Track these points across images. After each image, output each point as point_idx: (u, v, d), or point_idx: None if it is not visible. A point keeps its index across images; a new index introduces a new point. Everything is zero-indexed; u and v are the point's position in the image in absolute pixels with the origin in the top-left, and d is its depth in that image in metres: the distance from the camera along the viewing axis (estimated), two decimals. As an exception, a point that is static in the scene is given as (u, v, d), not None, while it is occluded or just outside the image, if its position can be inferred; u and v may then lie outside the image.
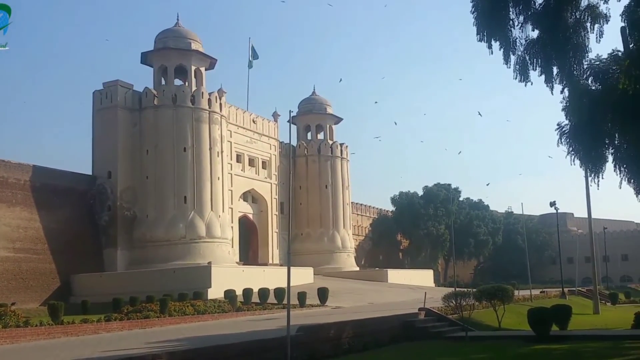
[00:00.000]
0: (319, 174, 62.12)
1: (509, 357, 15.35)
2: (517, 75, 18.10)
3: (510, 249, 78.88)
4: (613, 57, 18.74)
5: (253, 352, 14.63)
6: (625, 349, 15.91)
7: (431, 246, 74.86)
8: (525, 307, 22.50)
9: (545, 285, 58.87)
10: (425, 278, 59.68)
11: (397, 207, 77.56)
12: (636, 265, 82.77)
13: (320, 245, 60.22)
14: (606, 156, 20.29)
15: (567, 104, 19.92)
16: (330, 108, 65.43)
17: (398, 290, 45.16)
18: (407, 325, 20.94)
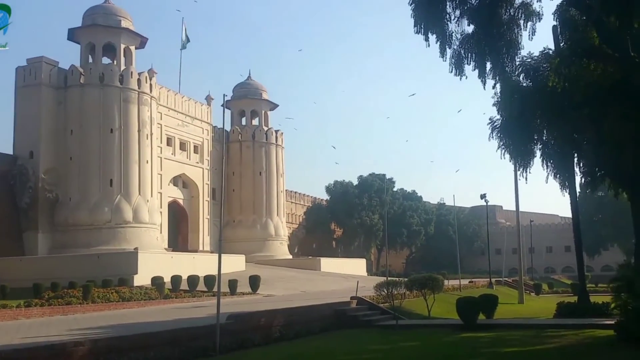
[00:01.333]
0: (253, 160, 61.83)
1: (437, 345, 15.94)
2: (452, 68, 18.66)
3: (441, 240, 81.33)
4: (544, 55, 19.72)
5: (181, 340, 14.55)
6: (547, 337, 16.87)
7: (364, 235, 76.13)
8: (455, 297, 23.40)
9: (474, 275, 61.21)
10: (358, 267, 60.74)
11: (332, 196, 78.31)
12: (560, 257, 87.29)
13: (253, 233, 60.10)
14: (534, 151, 21.39)
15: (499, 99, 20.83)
16: (266, 94, 65.10)
17: (331, 278, 45.81)
18: (339, 314, 21.37)
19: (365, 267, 65.61)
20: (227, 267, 34.66)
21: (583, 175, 22.53)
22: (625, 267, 17.86)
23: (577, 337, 16.95)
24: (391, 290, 22.01)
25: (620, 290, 15.80)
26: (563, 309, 23.79)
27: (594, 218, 65.35)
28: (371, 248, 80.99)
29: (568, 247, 69.14)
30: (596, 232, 66.32)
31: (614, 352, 13.62)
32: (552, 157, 21.72)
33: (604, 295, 25.02)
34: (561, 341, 16.08)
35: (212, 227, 57.48)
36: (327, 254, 68.57)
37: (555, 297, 40.05)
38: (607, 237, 69.00)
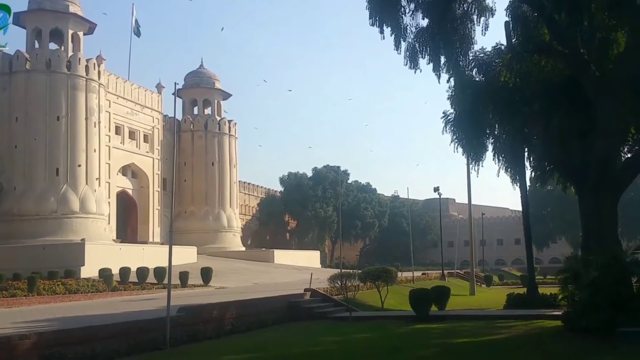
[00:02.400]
0: (205, 150, 61.20)
1: (389, 336, 16.24)
2: (407, 62, 18.90)
3: (395, 232, 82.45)
4: (496, 51, 20.21)
5: (130, 334, 14.35)
6: (497, 328, 17.40)
7: (319, 227, 76.43)
8: (408, 288, 23.81)
9: (427, 267, 62.39)
10: (312, 259, 61.03)
11: (286, 188, 78.26)
12: (510, 250, 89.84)
13: (205, 224, 59.59)
14: (486, 145, 21.95)
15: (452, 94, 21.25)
16: (219, 83, 64.43)
17: (284, 270, 45.88)
18: (292, 306, 21.48)
19: (320, 259, 65.97)
20: (178, 259, 34.36)
21: (533, 169, 23.28)
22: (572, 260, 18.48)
23: (526, 327, 17.56)
24: (345, 282, 22.26)
25: (568, 282, 16.40)
26: (513, 300, 24.59)
27: (543, 211, 67.42)
28: (325, 240, 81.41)
29: (518, 240, 71.21)
30: (545, 225, 68.50)
31: (561, 342, 14.16)
32: (504, 152, 22.33)
33: (552, 287, 25.86)
34: (510, 331, 16.62)
35: (162, 218, 56.72)
36: (280, 246, 68.59)
37: (506, 288, 41.21)
38: (556, 230, 71.38)
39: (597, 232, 17.51)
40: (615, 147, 18.29)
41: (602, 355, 11.97)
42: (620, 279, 14.51)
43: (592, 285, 14.57)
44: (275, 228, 78.92)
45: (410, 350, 13.34)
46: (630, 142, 19.99)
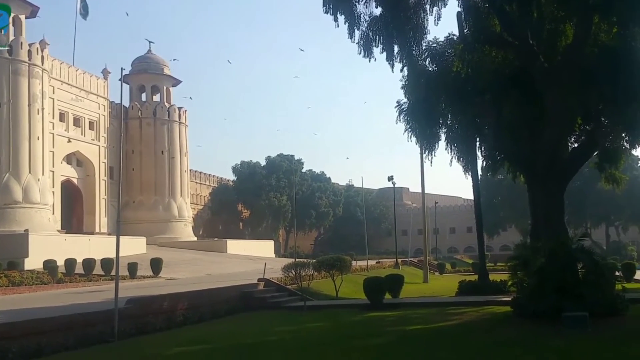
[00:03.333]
0: (154, 138, 60.27)
1: (344, 324, 16.50)
2: (361, 50, 18.98)
3: (349, 221, 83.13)
4: (449, 41, 20.53)
5: (76, 326, 14.16)
6: (449, 315, 17.93)
7: (272, 217, 76.37)
8: (362, 277, 24.16)
9: (381, 255, 63.24)
10: (265, 249, 61.07)
11: (239, 177, 77.83)
12: (462, 238, 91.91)
13: (154, 214, 58.82)
14: (439, 135, 22.32)
15: (406, 83, 21.50)
16: (168, 69, 63.40)
17: (237, 261, 45.80)
18: (246, 296, 21.53)
19: (274, 249, 66.05)
20: (127, 250, 33.91)
21: (484, 158, 23.79)
22: (521, 247, 19.12)
23: (477, 313, 18.15)
24: (299, 271, 22.43)
25: (517, 269, 16.99)
26: (464, 287, 25.32)
27: (494, 200, 69.11)
28: (279, 229, 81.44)
29: (470, 228, 72.93)
30: (496, 214, 70.26)
31: (510, 327, 14.71)
32: (456, 141, 22.74)
33: (502, 274, 26.69)
34: (462, 318, 17.15)
35: (109, 208, 55.66)
36: (233, 236, 68.32)
37: (458, 276, 42.23)
38: (506, 219, 73.29)
39: (545, 220, 18.14)
40: (563, 137, 18.94)
41: (548, 338, 12.50)
42: (566, 266, 15.13)
43: (539, 272, 15.13)
44: (228, 218, 78.46)
45: (364, 339, 13.61)
46: (577, 133, 20.71)
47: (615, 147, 20.75)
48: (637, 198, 64.64)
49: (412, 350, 11.78)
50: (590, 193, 60.71)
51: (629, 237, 77.90)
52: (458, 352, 11.35)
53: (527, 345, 11.84)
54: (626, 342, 11.77)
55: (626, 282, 24.00)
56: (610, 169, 21.71)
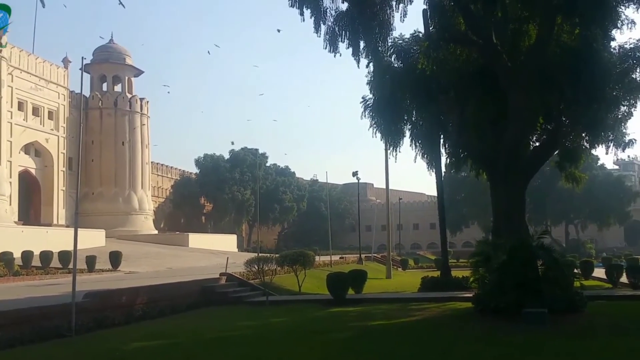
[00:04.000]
0: (115, 129, 59.38)
1: (306, 320, 16.52)
2: (327, 45, 18.98)
3: (314, 216, 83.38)
4: (414, 38, 20.75)
5: (32, 320, 13.89)
6: (412, 310, 18.12)
7: (236, 211, 76.04)
8: (325, 272, 24.24)
9: (345, 251, 63.59)
10: (228, 243, 60.83)
11: (202, 170, 77.23)
12: (425, 234, 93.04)
13: (114, 206, 57.99)
14: (404, 131, 22.57)
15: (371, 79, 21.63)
16: (130, 59, 62.48)
17: (199, 255, 45.50)
18: (207, 291, 21.39)
19: (236, 243, 65.88)
20: (85, 243, 33.38)
21: (448, 155, 24.17)
22: (483, 244, 19.45)
23: (438, 309, 18.41)
24: (262, 266, 22.36)
25: (479, 265, 17.26)
26: (427, 283, 25.64)
27: (457, 197, 70.19)
28: (242, 224, 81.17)
29: (433, 225, 73.76)
30: (459, 211, 71.40)
31: (471, 323, 14.94)
32: (420, 138, 23.05)
33: (464, 270, 27.09)
34: (424, 313, 17.36)
35: (68, 200, 54.67)
36: (196, 230, 67.85)
37: (421, 272, 42.70)
38: (469, 215, 74.55)
39: (506, 217, 18.51)
40: (525, 136, 19.34)
41: (508, 334, 12.76)
42: (526, 262, 15.44)
43: (500, 268, 15.40)
44: (190, 211, 77.82)
45: (327, 334, 13.67)
46: (539, 132, 21.19)
47: (575, 146, 21.32)
48: (595, 197, 66.55)
49: (374, 346, 11.89)
50: (551, 191, 62.20)
51: (588, 235, 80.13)
52: (419, 348, 11.50)
53: (487, 341, 12.06)
54: (583, 338, 12.10)
55: (584, 279, 24.64)
56: (570, 168, 22.30)
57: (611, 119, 20.18)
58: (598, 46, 18.04)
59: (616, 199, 71.70)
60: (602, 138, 20.98)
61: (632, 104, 20.46)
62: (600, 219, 73.23)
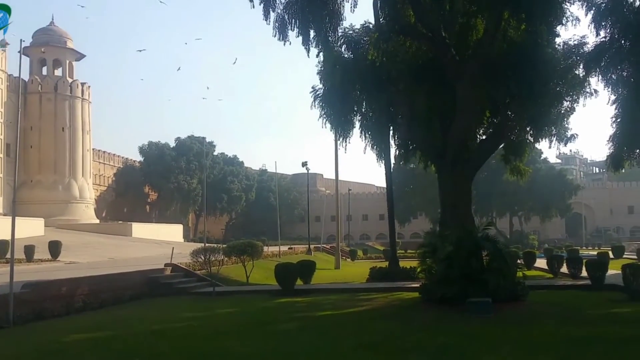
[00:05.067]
0: (55, 114, 57.77)
1: (254, 310, 16.58)
2: (276, 33, 18.82)
3: (262, 206, 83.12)
4: (365, 29, 20.90)
5: (-33, 311, 13.51)
6: (360, 300, 18.45)
7: (182, 200, 75.17)
8: (274, 263, 24.30)
9: (294, 241, 63.76)
10: (174, 233, 60.14)
11: (146, 158, 75.95)
12: (374, 225, 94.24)
13: (54, 195, 56.48)
14: (354, 122, 22.76)
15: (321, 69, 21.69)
16: (71, 42, 60.78)
17: (144, 245, 44.86)
18: (152, 281, 21.20)
19: (182, 233, 65.22)
20: (23, 232, 32.36)
21: (397, 147, 24.53)
22: (430, 235, 19.92)
23: (386, 299, 18.82)
24: (209, 256, 22.24)
25: (426, 256, 17.68)
26: (375, 274, 26.08)
27: (406, 188, 71.32)
28: (189, 213, 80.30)
29: (382, 215, 74.90)
30: (407, 202, 72.58)
31: (418, 312, 15.36)
32: (370, 129, 23.27)
33: (412, 261, 27.58)
34: (372, 304, 17.70)
35: (5, 187, 52.92)
36: (139, 219, 66.76)
37: (369, 262, 43.21)
38: (417, 207, 75.89)
39: (453, 208, 18.99)
40: (472, 129, 19.86)
41: (453, 323, 13.17)
42: (472, 253, 15.93)
43: (447, 259, 15.84)
44: (133, 200, 76.48)
45: (274, 324, 13.77)
46: (486, 125, 21.76)
47: (520, 140, 21.97)
48: (539, 190, 68.83)
49: (322, 335, 12.06)
50: (497, 184, 63.94)
51: (531, 227, 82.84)
52: (366, 337, 11.73)
53: (432, 330, 12.41)
54: (525, 326, 12.61)
55: (527, 269, 25.55)
56: (515, 161, 22.99)
57: (554, 114, 20.86)
58: (543, 42, 18.59)
59: (558, 192, 74.29)
60: (546, 132, 21.67)
61: (575, 100, 21.20)
62: (543, 211, 75.76)
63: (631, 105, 21.31)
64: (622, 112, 22.05)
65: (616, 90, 21.76)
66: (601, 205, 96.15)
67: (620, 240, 68.20)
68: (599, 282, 19.65)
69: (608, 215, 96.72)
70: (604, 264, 20.64)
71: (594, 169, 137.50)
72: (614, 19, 20.14)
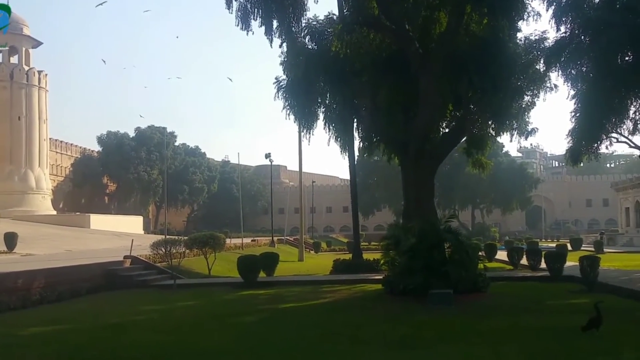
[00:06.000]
0: (10, 103, 56.51)
1: (215, 303, 16.53)
2: (238, 22, 18.67)
3: (225, 198, 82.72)
4: (329, 20, 20.94)
5: None
6: (323, 292, 18.56)
7: (142, 191, 74.29)
8: (236, 255, 24.22)
9: (257, 234, 63.66)
10: (134, 225, 59.32)
11: (105, 148, 74.80)
12: (338, 217, 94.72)
13: (9, 185, 55.21)
14: (318, 114, 22.82)
15: (285, 59, 21.63)
16: (28, 29, 59.33)
17: (102, 237, 44.17)
18: (110, 274, 20.93)
19: (143, 225, 64.44)
20: (-24, 224, 31.53)
21: (361, 139, 24.68)
22: (394, 227, 20.09)
23: (349, 291, 18.99)
24: (169, 248, 22.03)
25: (389, 248, 17.86)
26: (339, 266, 26.28)
27: (370, 181, 71.80)
28: (149, 205, 79.40)
29: (346, 208, 75.15)
30: (371, 194, 73.09)
31: (380, 304, 15.52)
32: (334, 121, 23.35)
33: (375, 253, 27.86)
34: (335, 296, 17.84)
35: (-44, 178, 51.37)
36: (98, 211, 65.71)
37: (333, 254, 43.48)
38: (381, 199, 76.53)
39: (416, 201, 19.23)
40: (434, 122, 20.12)
41: (415, 314, 13.37)
42: (434, 245, 16.16)
43: (409, 251, 16.04)
44: (92, 191, 75.24)
45: (236, 317, 13.76)
46: (448, 118, 22.07)
47: (482, 133, 22.35)
48: (500, 183, 70.10)
49: (284, 328, 12.12)
50: (459, 177, 64.87)
51: (492, 219, 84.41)
52: (328, 329, 11.81)
53: (394, 321, 12.57)
54: (484, 317, 12.87)
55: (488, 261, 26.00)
56: (477, 154, 23.37)
57: (515, 108, 21.27)
58: (505, 37, 18.92)
59: (519, 185, 75.75)
60: (507, 126, 22.09)
61: (535, 94, 21.65)
62: (504, 204, 77.20)
63: (590, 100, 21.82)
64: (581, 107, 22.57)
65: (575, 85, 22.27)
66: (560, 199, 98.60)
67: (579, 232, 70.06)
68: (557, 274, 20.16)
69: (567, 208, 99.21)
70: (563, 255, 21.16)
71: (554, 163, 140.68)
72: (574, 15, 20.61)
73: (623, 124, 24.59)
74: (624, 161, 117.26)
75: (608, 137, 25.34)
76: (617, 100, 22.21)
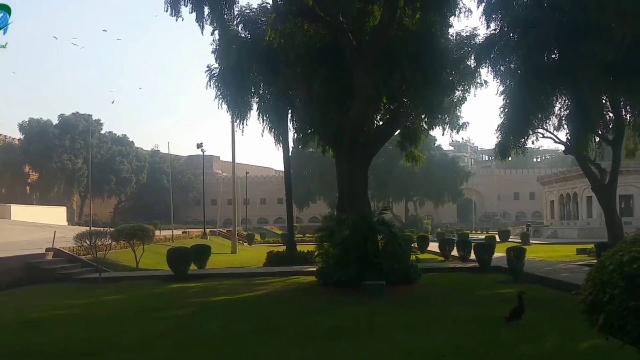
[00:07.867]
0: None
1: (143, 296, 16.25)
2: (168, 7, 18.04)
3: (154, 188, 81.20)
4: (262, 9, 20.84)
5: None
6: (255, 285, 18.56)
7: (66, 181, 72.03)
8: (166, 247, 23.91)
9: (189, 225, 62.79)
10: (57, 216, 57.53)
11: (26, 135, 72.01)
12: (273, 209, 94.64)
13: None
14: (251, 104, 22.74)
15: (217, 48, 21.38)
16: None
17: (23, 228, 42.56)
18: (31, 267, 20.35)
19: (66, 216, 62.53)
20: None
21: (296, 131, 24.79)
22: (328, 219, 20.30)
23: (283, 283, 19.09)
24: (95, 240, 21.49)
25: (323, 240, 18.02)
26: (272, 258, 26.34)
27: (305, 172, 72.11)
28: (74, 195, 77.00)
29: (281, 199, 75.19)
30: (306, 186, 73.42)
31: (314, 296, 15.66)
32: (268, 112, 23.32)
33: (310, 245, 28.07)
34: (268, 288, 17.89)
35: None
36: (18, 201, 63.24)
37: (267, 246, 43.45)
38: (316, 191, 77.00)
39: (350, 193, 19.48)
40: (368, 114, 20.38)
41: (347, 305, 13.57)
42: (367, 237, 16.44)
43: (343, 243, 16.25)
44: (12, 180, 72.33)
45: (165, 310, 13.60)
46: (382, 111, 22.42)
47: (415, 127, 22.86)
48: (432, 176, 71.86)
49: (215, 321, 12.04)
50: (393, 170, 66.01)
51: (425, 212, 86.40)
52: (260, 321, 11.84)
53: (326, 313, 12.73)
54: (417, 307, 13.22)
55: (420, 253, 26.71)
56: (410, 147, 23.90)
57: (447, 102, 21.87)
58: (437, 32, 19.38)
59: (451, 178, 77.84)
60: (439, 120, 22.67)
61: (466, 90, 22.33)
62: (436, 196, 79.15)
63: (517, 97, 22.66)
64: (510, 102, 23.41)
65: (504, 81, 23.10)
66: (490, 192, 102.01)
67: (507, 224, 72.71)
68: (486, 265, 20.92)
69: (496, 200, 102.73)
70: (491, 247, 21.98)
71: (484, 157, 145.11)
72: (504, 12, 21.33)
73: (549, 120, 25.71)
74: (550, 156, 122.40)
75: (535, 133, 26.43)
76: (543, 97, 23.15)
